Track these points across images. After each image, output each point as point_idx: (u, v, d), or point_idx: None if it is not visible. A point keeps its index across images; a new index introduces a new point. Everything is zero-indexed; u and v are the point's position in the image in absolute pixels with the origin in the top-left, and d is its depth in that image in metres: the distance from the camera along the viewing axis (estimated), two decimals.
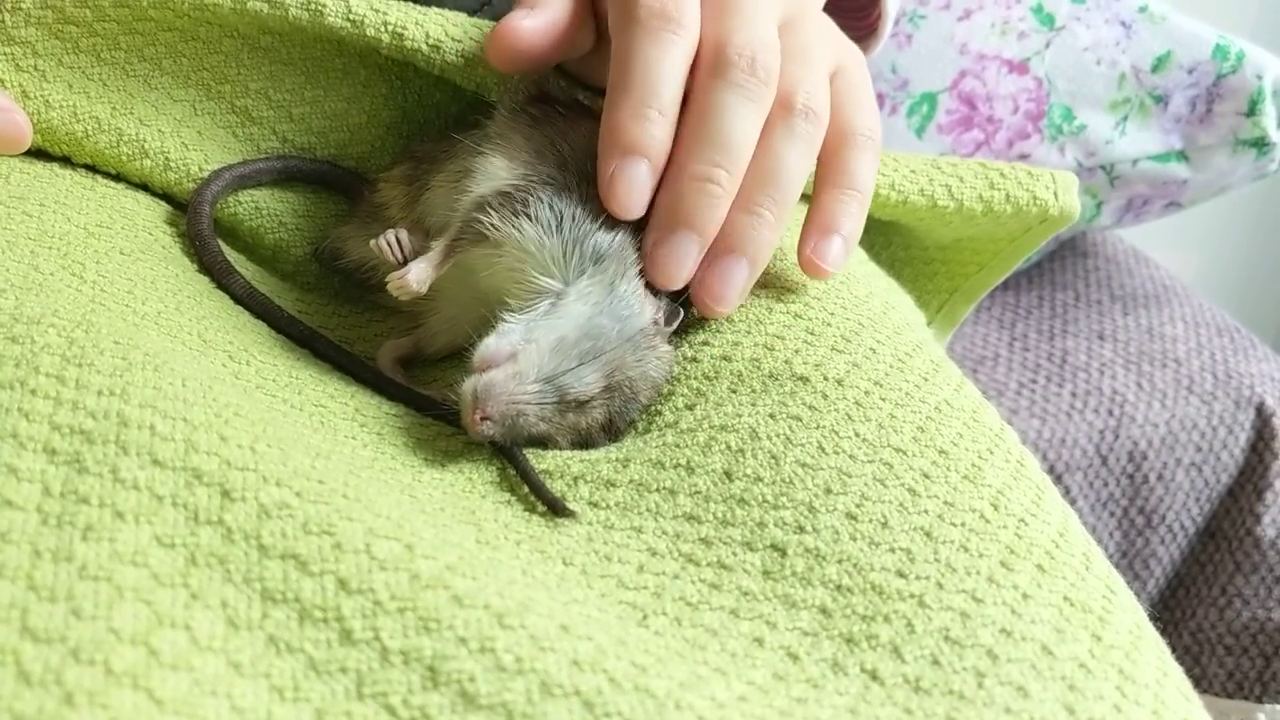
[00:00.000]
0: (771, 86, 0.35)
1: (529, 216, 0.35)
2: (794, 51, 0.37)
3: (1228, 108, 0.86)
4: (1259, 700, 0.82)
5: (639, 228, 0.36)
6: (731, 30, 0.35)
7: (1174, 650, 0.30)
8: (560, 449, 0.33)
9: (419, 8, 0.42)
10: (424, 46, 0.41)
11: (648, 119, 0.34)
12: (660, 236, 0.34)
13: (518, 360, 0.32)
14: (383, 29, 0.40)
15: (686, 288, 0.36)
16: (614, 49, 0.36)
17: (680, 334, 0.37)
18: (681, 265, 0.34)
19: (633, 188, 0.34)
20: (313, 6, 0.40)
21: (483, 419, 0.31)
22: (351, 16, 0.40)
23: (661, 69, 0.34)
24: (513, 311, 0.34)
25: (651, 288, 0.35)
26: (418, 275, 0.35)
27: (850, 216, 0.37)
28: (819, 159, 0.38)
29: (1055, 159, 0.88)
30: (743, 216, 0.35)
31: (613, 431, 0.34)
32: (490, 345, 0.33)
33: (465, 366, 0.33)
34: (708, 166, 0.34)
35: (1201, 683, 0.84)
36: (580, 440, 0.34)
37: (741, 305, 0.37)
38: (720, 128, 0.34)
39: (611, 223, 0.35)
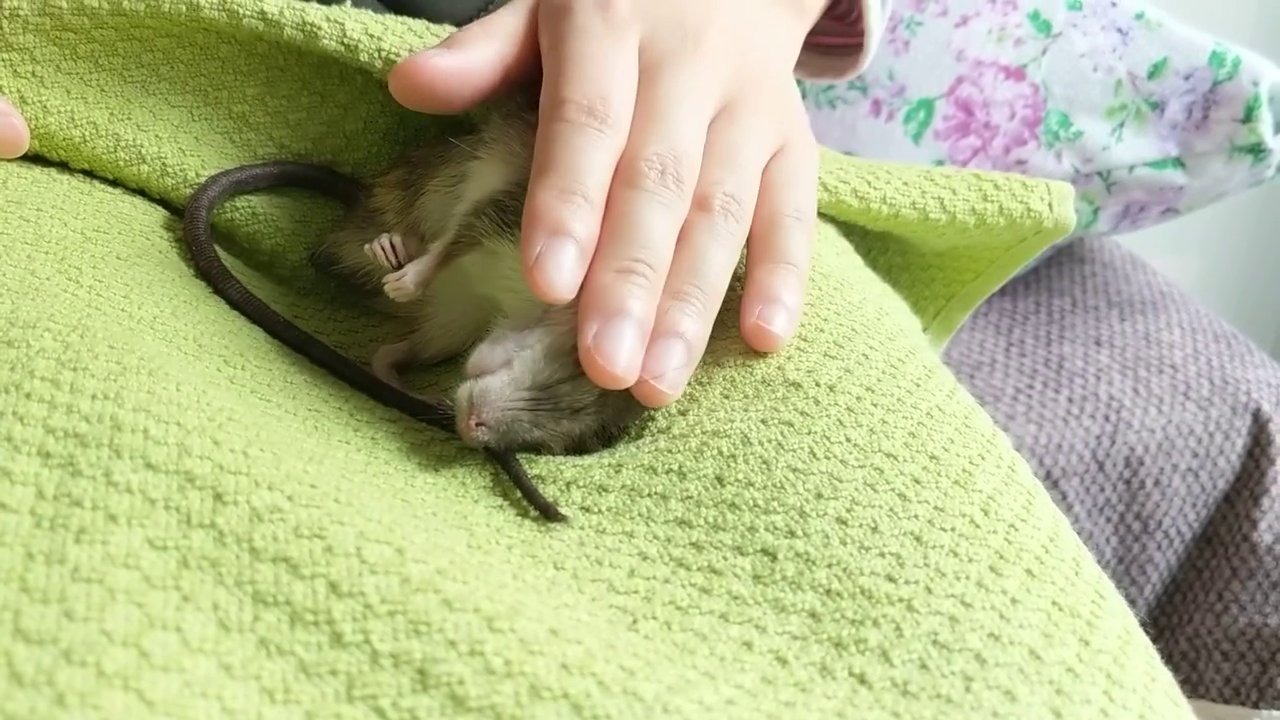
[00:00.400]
0: (684, 193, 0.34)
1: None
2: (719, 152, 0.36)
3: (1224, 114, 0.86)
4: (1256, 705, 0.82)
5: None
6: (646, 140, 0.34)
7: (1171, 656, 0.30)
8: (554, 455, 0.33)
9: (415, 30, 0.42)
10: None
11: (573, 203, 0.32)
12: (597, 331, 0.32)
13: (512, 367, 0.32)
14: (376, 55, 0.41)
15: None
16: (538, 140, 0.35)
17: None
18: (619, 350, 0.31)
19: (559, 266, 0.32)
20: (307, 28, 0.40)
21: (477, 425, 0.31)
22: (346, 40, 0.41)
23: (585, 160, 0.33)
24: (507, 318, 0.35)
25: None
26: (414, 277, 0.35)
27: (789, 288, 0.36)
28: (750, 241, 0.37)
29: (1052, 165, 0.88)
30: (673, 303, 0.33)
31: (606, 437, 0.34)
32: (484, 352, 0.33)
33: (460, 372, 0.33)
34: (629, 260, 0.33)
35: (1198, 688, 0.84)
36: (574, 446, 0.34)
37: (735, 311, 0.37)
38: (636, 229, 0.33)
39: None
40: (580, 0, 0.37)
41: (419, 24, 0.43)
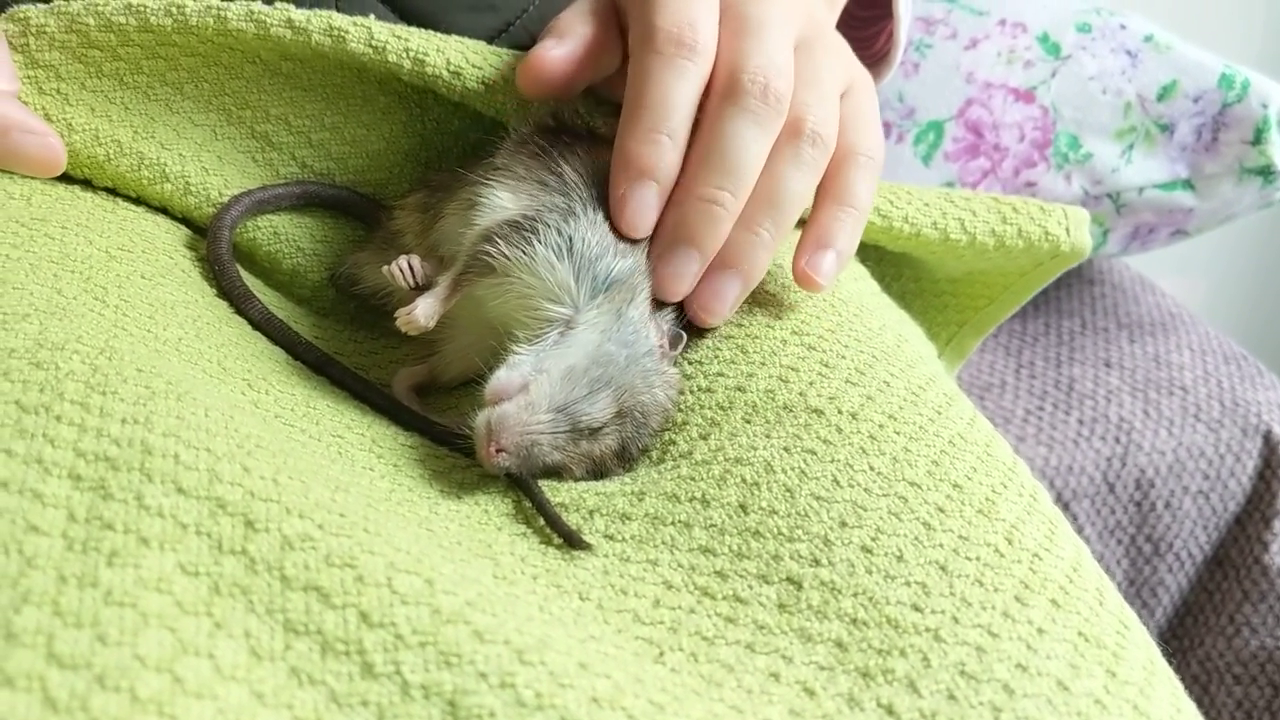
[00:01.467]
0: (782, 112, 0.36)
1: (536, 245, 0.35)
2: (807, 76, 0.38)
3: (1233, 136, 0.86)
4: None
5: (645, 255, 0.36)
6: (747, 54, 0.36)
7: (1182, 679, 0.30)
8: (575, 478, 0.33)
9: (440, 35, 0.42)
10: (444, 73, 0.41)
11: (659, 144, 0.35)
12: (663, 252, 0.35)
13: (529, 391, 0.32)
14: (404, 55, 0.41)
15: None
16: (630, 72, 0.37)
17: (695, 364, 0.37)
18: (681, 280, 0.35)
19: (641, 209, 0.35)
20: (335, 32, 0.41)
21: (498, 451, 0.31)
22: (373, 43, 0.41)
23: (674, 95, 0.35)
24: (522, 341, 0.35)
25: (654, 311, 0.36)
26: (425, 310, 0.36)
27: (846, 233, 0.38)
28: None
29: (1062, 187, 0.88)
30: (743, 234, 0.36)
31: (626, 459, 0.34)
32: (501, 378, 0.33)
33: (478, 399, 0.33)
34: (714, 189, 0.35)
35: (1210, 712, 0.83)
36: (595, 468, 0.34)
37: (756, 337, 0.38)
38: (729, 152, 0.35)
39: (618, 249, 0.36)
40: None
41: (442, 34, 0.43)
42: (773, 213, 0.36)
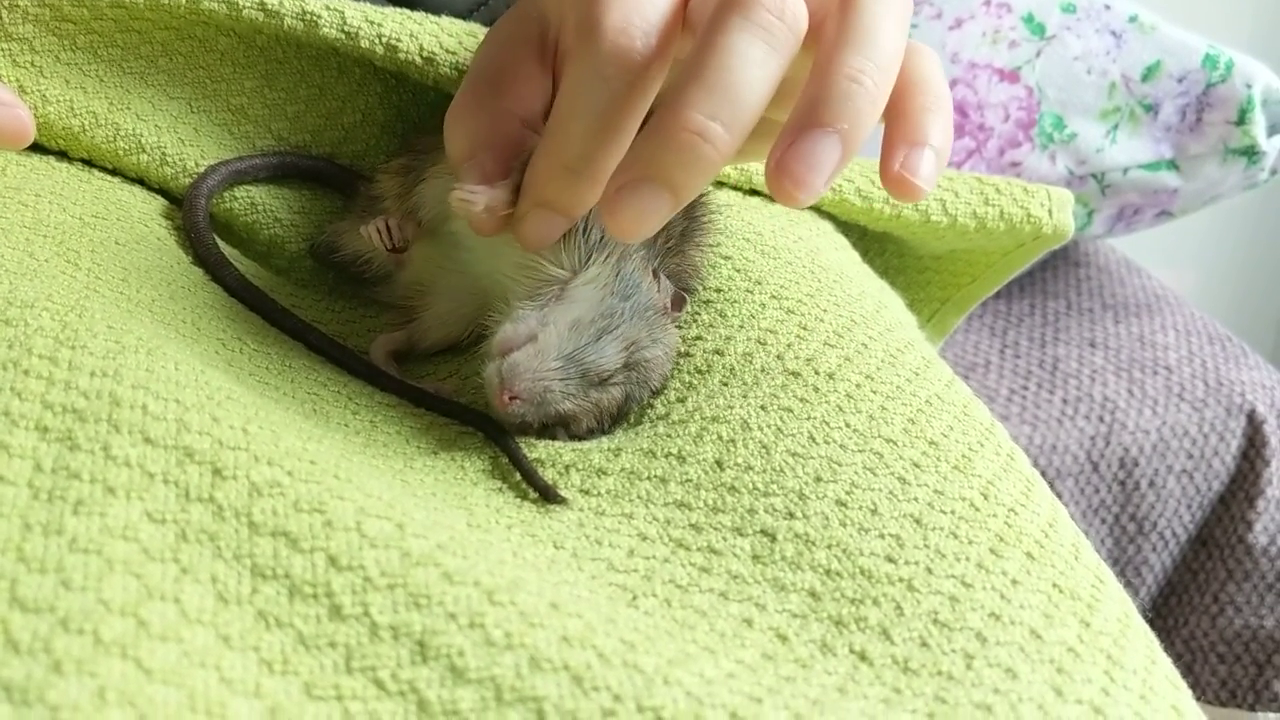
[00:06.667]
0: (798, 34, 0.28)
1: None
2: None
3: (1217, 117, 0.87)
4: (1252, 708, 0.82)
5: None
6: None
7: None
8: (580, 434, 0.33)
9: (414, 18, 0.42)
10: (418, 59, 0.41)
11: (575, 179, 0.30)
12: (626, 186, 0.27)
13: (538, 340, 0.33)
14: (376, 41, 0.41)
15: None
16: (560, 89, 0.31)
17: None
18: (642, 224, 0.27)
19: (547, 231, 0.32)
20: (308, 17, 0.40)
21: (512, 399, 0.31)
22: (346, 29, 0.41)
23: (613, 119, 0.29)
24: (520, 300, 0.35)
25: (655, 273, 0.36)
26: (491, 200, 0.32)
27: (939, 127, 0.30)
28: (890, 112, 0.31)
29: (1046, 167, 0.88)
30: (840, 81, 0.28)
31: (623, 416, 0.35)
32: (509, 330, 0.33)
33: (483, 354, 0.34)
34: (703, 118, 0.27)
35: (1194, 691, 0.84)
36: (598, 421, 0.34)
37: (735, 302, 0.37)
38: (728, 72, 0.27)
39: None
40: None
41: (418, 14, 0.43)
42: (874, 68, 0.28)
